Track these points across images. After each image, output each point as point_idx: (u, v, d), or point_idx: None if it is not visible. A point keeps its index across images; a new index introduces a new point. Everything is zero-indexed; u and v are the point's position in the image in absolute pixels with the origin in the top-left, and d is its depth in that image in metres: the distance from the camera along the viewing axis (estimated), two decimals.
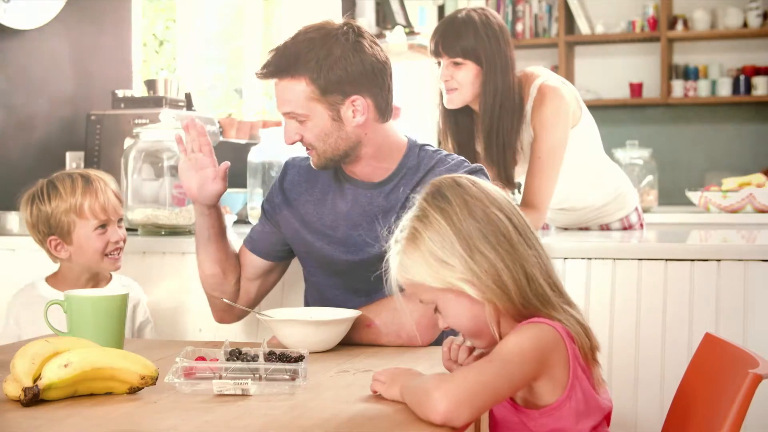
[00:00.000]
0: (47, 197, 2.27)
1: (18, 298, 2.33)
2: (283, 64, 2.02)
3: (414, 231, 1.53)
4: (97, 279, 2.35)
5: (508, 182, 2.70)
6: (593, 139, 2.84)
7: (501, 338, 1.51)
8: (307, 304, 2.23)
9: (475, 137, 2.78)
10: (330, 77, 2.00)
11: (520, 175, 2.82)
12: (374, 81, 2.04)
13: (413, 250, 1.52)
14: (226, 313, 2.25)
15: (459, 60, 2.63)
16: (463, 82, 2.65)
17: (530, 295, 1.51)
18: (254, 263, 2.21)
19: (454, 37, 2.62)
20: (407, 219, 1.56)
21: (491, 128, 2.67)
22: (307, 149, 2.08)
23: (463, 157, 2.13)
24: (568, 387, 1.49)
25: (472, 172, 2.08)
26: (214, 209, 2.14)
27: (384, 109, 2.07)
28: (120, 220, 2.35)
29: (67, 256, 2.30)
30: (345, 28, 2.05)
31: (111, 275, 2.37)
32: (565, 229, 3.05)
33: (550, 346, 1.48)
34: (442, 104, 2.74)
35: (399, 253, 1.55)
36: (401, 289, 1.58)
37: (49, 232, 2.28)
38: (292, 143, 2.06)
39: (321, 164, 2.09)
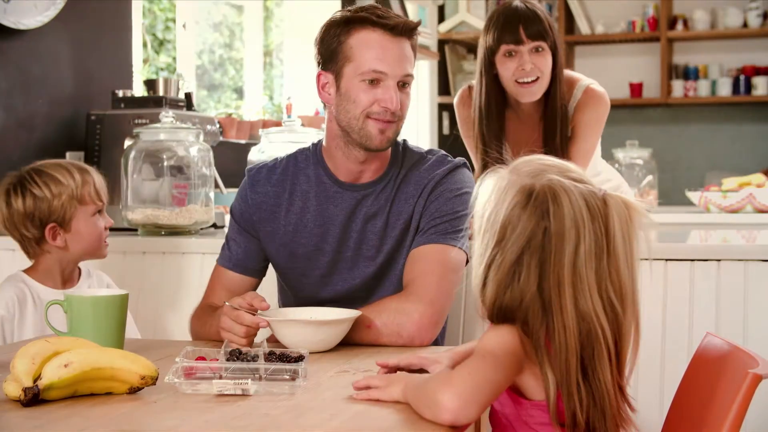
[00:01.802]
0: (43, 184, 2.24)
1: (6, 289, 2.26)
2: (412, 23, 2.01)
3: None
4: (72, 274, 2.32)
5: None
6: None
7: None
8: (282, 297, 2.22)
9: (504, 132, 2.75)
10: (417, 48, 2.03)
11: None
12: None
13: None
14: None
15: (542, 45, 2.61)
16: (545, 69, 2.63)
17: None
18: (246, 286, 2.13)
19: (535, 22, 2.60)
20: None
21: (559, 115, 2.67)
22: (389, 121, 1.99)
23: (444, 152, 2.13)
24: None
25: (456, 167, 2.09)
26: None
27: None
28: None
29: (62, 244, 2.26)
30: None
31: (80, 270, 2.34)
32: None
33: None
34: (487, 100, 2.70)
35: None
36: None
37: (48, 219, 2.24)
38: (395, 112, 1.99)
39: (393, 141, 2.04)
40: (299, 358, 1.59)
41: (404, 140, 2.14)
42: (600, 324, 1.43)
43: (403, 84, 1.99)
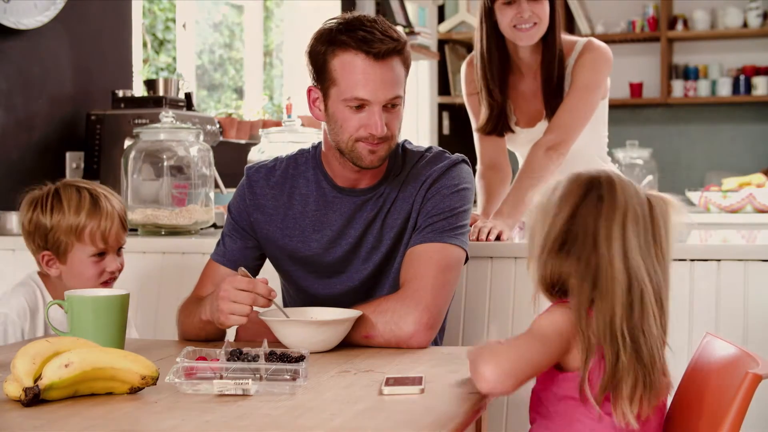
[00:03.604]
0: (50, 209, 2.16)
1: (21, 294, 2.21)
2: (395, 42, 1.94)
3: None
4: None
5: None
6: (603, 122, 2.90)
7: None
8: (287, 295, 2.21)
9: (507, 75, 2.79)
10: (410, 60, 2.00)
11: (523, 145, 2.82)
12: None
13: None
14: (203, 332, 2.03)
15: None
16: (543, 15, 2.66)
17: None
18: None
19: None
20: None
21: (557, 62, 2.70)
22: (378, 143, 1.96)
23: (442, 149, 2.12)
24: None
25: (454, 163, 2.07)
26: None
27: None
28: (120, 247, 2.25)
29: (57, 274, 2.19)
30: None
31: None
32: None
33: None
34: (488, 45, 2.73)
35: None
36: None
37: (44, 246, 2.17)
38: (384, 135, 1.95)
39: (386, 156, 2.00)
40: (300, 358, 1.59)
41: (404, 141, 2.13)
42: (644, 283, 1.60)
43: (392, 105, 1.96)
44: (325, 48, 1.96)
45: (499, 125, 2.78)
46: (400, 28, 2.04)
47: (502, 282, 2.42)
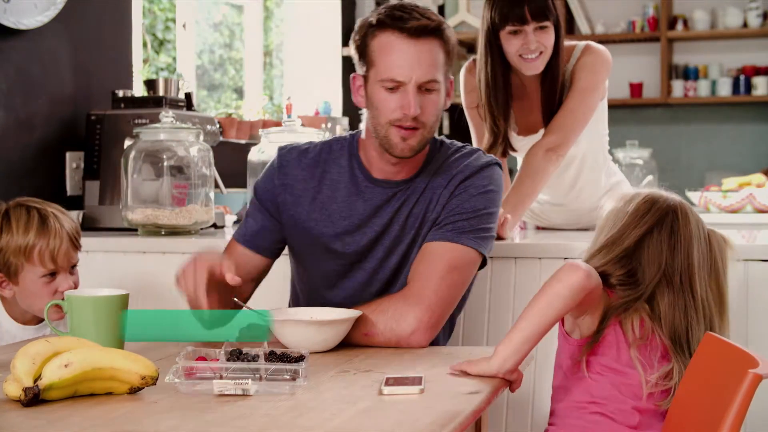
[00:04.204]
0: (0, 230, 2.13)
1: None
2: (435, 22, 1.94)
3: None
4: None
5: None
6: (603, 121, 2.91)
7: None
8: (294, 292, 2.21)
9: (511, 103, 2.79)
10: (455, 49, 1.98)
11: (523, 150, 2.82)
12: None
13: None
14: None
15: (546, 24, 2.64)
16: (548, 44, 2.66)
17: None
18: (255, 263, 2.12)
19: (540, 2, 2.64)
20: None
21: (558, 84, 2.72)
22: (411, 129, 1.95)
23: (480, 149, 2.10)
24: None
25: (488, 164, 2.05)
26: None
27: None
28: (74, 266, 2.21)
29: (11, 295, 2.18)
30: None
31: None
32: (563, 229, 3.05)
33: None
34: (493, 72, 2.73)
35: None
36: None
37: None
38: (415, 116, 1.93)
39: (419, 148, 1.98)
40: (300, 358, 1.59)
41: (442, 138, 2.12)
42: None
43: (427, 90, 1.94)
44: (365, 31, 1.97)
45: (502, 149, 2.78)
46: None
47: (525, 282, 2.42)
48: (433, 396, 1.51)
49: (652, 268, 1.87)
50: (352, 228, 2.05)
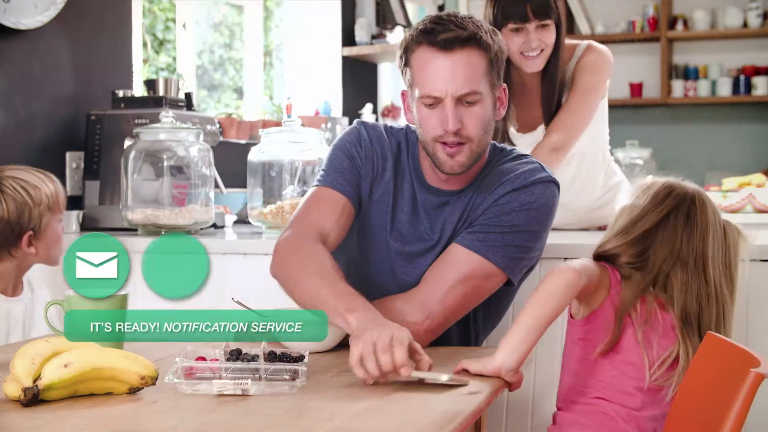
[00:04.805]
0: (23, 191, 2.24)
1: None
2: (468, 31, 1.85)
3: None
4: (19, 282, 2.32)
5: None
6: (603, 121, 2.91)
7: None
8: None
9: (513, 97, 2.80)
10: (499, 54, 1.89)
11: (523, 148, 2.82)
12: (503, 72, 1.95)
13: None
14: None
15: (548, 22, 2.66)
16: (549, 42, 2.68)
17: None
18: (350, 212, 1.99)
19: (542, 0, 2.65)
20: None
21: (557, 81, 2.72)
22: (456, 145, 1.87)
23: (541, 163, 2.01)
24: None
25: (543, 181, 1.95)
26: None
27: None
28: None
29: (35, 251, 2.26)
30: None
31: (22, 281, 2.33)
32: (563, 230, 3.04)
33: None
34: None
35: None
36: None
37: (27, 227, 2.24)
38: (456, 131, 1.85)
39: (470, 163, 1.90)
40: (299, 358, 1.59)
41: (504, 145, 2.06)
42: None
43: (468, 102, 1.86)
44: (405, 47, 1.92)
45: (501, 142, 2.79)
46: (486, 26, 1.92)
47: (525, 282, 2.41)
48: (433, 396, 1.51)
49: (664, 250, 1.91)
50: (396, 223, 2.02)
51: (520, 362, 1.69)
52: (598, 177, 2.94)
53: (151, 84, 3.31)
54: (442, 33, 1.85)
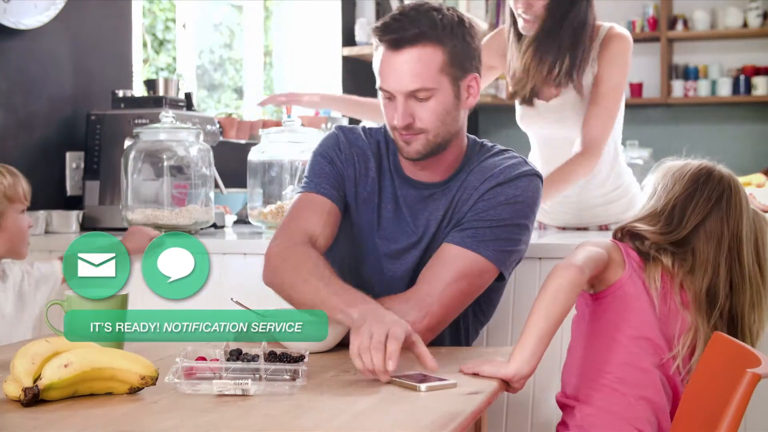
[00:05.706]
0: None
1: None
2: (416, 29, 1.87)
3: None
4: None
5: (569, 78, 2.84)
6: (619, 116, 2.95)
7: None
8: None
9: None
10: (462, 47, 1.91)
11: (564, 110, 2.86)
12: (480, 61, 1.97)
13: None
14: None
15: None
16: (537, 6, 2.80)
17: None
18: (336, 214, 2.01)
19: None
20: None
21: (562, 33, 2.91)
22: (411, 134, 1.92)
23: (523, 157, 2.04)
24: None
25: (526, 174, 1.98)
26: None
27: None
28: None
29: None
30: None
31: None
32: (564, 229, 3.04)
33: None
34: (512, 31, 2.86)
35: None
36: None
37: None
38: (405, 125, 1.90)
39: (426, 152, 1.93)
40: (299, 358, 1.59)
41: (483, 141, 2.08)
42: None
43: (419, 98, 1.90)
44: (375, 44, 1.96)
45: (526, 91, 2.85)
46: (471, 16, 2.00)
47: (525, 282, 2.41)
48: (433, 396, 1.51)
49: (704, 233, 1.93)
50: (382, 220, 2.04)
51: (533, 370, 1.70)
52: (602, 170, 2.93)
53: (151, 84, 3.31)
54: (391, 32, 1.89)
